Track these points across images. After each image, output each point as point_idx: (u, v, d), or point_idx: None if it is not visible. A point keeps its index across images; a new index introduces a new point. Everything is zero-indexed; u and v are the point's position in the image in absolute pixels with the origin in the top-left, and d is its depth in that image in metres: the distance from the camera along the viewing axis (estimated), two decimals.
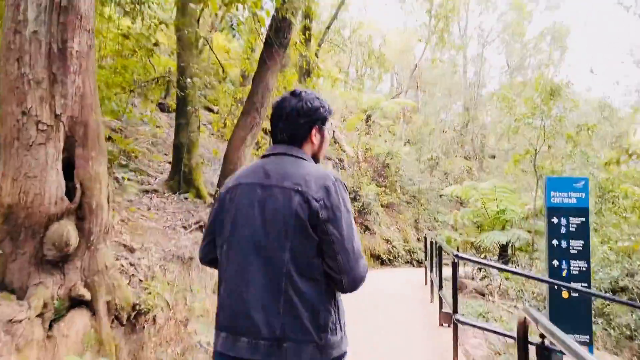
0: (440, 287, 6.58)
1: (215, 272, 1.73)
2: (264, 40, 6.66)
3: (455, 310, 4.93)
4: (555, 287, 5.54)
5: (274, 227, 1.51)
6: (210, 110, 15.50)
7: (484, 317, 7.94)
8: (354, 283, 1.55)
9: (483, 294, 9.48)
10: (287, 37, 6.52)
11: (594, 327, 5.76)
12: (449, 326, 6.48)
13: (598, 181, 10.01)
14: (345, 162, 17.72)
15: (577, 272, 5.62)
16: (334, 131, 22.02)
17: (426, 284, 10.18)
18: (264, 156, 1.73)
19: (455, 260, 4.97)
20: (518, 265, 11.21)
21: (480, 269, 11.77)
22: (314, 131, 1.72)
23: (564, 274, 5.66)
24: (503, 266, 5.79)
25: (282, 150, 1.69)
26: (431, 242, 9.30)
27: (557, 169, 10.77)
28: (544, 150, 11.13)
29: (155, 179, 7.89)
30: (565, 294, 5.62)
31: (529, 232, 11.42)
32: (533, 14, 27.34)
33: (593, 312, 5.93)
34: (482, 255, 12.09)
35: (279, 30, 6.41)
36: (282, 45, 6.52)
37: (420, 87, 26.68)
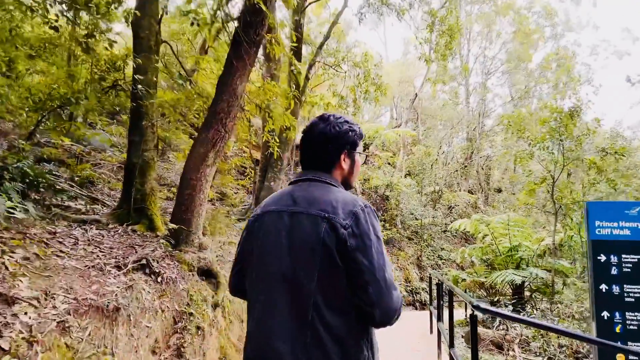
0: (452, 344, 5.16)
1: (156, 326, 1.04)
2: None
3: None
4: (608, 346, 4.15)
5: (301, 255, 1.46)
6: (193, 137, 14.41)
7: None
8: (386, 316, 1.44)
9: (500, 347, 7.98)
10: (260, 34, 5.38)
11: None
12: None
13: None
14: None
15: (635, 327, 4.24)
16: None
17: (431, 333, 8.70)
18: (292, 182, 1.70)
19: (475, 313, 3.61)
20: (537, 309, 9.72)
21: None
22: (342, 156, 1.68)
23: (617, 329, 4.27)
24: (542, 322, 4.41)
25: (311, 175, 1.65)
26: (437, 284, 7.88)
27: (578, 199, 9.48)
28: (562, 178, 9.84)
29: (111, 208, 6.63)
30: (621, 358, 4.23)
31: (548, 270, 9.99)
32: (538, 42, 26.56)
33: None
34: (496, 298, 10.60)
35: (249, 25, 5.28)
36: (254, 44, 5.37)
37: (420, 119, 25.71)
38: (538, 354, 7.54)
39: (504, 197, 22.52)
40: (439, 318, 7.19)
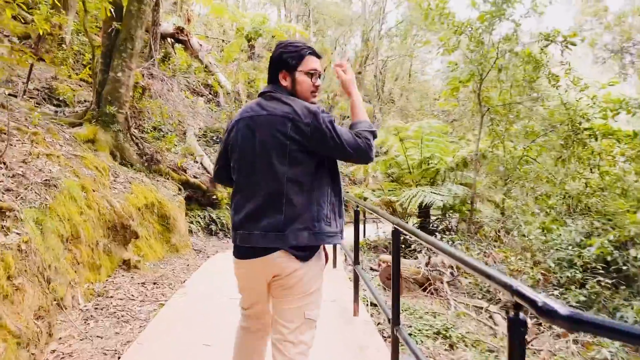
0: (357, 261, 3.08)
1: None
2: None
3: None
4: None
5: (273, 148, 1.89)
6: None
7: (446, 337, 4.75)
8: (362, 157, 1.94)
9: (423, 285, 6.37)
10: None
11: None
12: None
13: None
14: (221, 98, 13.48)
15: None
16: (210, 62, 17.47)
17: (335, 267, 6.78)
18: (259, 95, 2.12)
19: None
20: (456, 232, 8.33)
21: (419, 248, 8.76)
22: (281, 75, 2.06)
23: None
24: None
25: (269, 89, 2.07)
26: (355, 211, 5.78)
27: (508, 102, 7.89)
28: (490, 76, 8.07)
29: None
30: None
31: (469, 186, 8.54)
32: None
33: None
34: (406, 220, 9.05)
35: None
36: None
37: (313, 17, 22.70)
38: (466, 293, 6.05)
39: (401, 104, 21.19)
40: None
